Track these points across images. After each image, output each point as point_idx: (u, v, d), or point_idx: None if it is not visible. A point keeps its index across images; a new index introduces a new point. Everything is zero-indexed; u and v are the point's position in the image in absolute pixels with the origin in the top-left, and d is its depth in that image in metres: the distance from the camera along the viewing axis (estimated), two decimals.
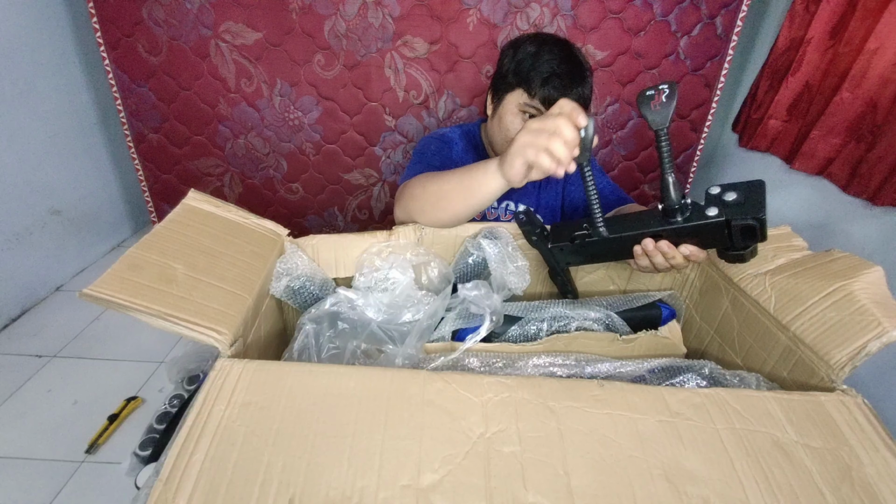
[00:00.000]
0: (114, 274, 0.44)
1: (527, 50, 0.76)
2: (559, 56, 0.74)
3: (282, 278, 0.58)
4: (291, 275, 0.59)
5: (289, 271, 0.59)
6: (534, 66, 0.74)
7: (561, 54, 0.74)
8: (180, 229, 0.53)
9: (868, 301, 0.48)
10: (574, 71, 0.74)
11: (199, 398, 0.38)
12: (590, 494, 0.35)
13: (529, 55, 0.75)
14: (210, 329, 0.44)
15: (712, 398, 0.43)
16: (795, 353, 0.52)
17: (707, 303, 0.67)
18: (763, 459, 0.38)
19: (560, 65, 0.73)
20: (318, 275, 0.62)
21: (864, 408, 0.43)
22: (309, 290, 0.60)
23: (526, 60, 0.75)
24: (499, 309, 0.59)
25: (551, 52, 0.74)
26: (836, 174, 1.08)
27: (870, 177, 0.98)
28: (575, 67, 0.74)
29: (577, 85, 0.74)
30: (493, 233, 0.66)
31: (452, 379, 0.42)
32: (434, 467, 0.35)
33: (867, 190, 0.99)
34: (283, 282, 0.58)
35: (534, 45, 0.76)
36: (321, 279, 0.63)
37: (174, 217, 0.54)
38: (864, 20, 0.98)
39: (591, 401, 0.42)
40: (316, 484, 0.34)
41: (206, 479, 0.33)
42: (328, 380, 0.41)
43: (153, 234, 0.51)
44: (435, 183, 0.67)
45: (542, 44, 0.76)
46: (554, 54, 0.74)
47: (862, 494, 0.37)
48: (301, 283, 0.59)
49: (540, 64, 0.74)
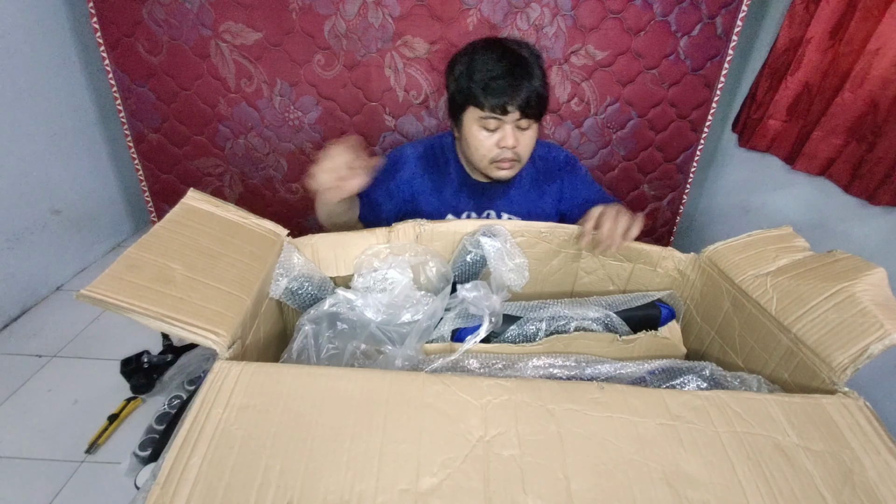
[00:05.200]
0: (112, 275, 0.44)
1: (460, 67, 0.75)
2: (493, 58, 0.73)
3: (280, 280, 0.58)
4: (290, 276, 0.58)
5: (287, 273, 0.58)
6: (472, 80, 0.73)
7: (494, 55, 0.73)
8: (179, 229, 0.53)
9: (870, 303, 0.48)
10: (514, 67, 0.72)
11: (197, 401, 0.38)
12: (589, 499, 0.35)
13: (464, 72, 0.74)
14: (208, 331, 0.43)
15: (713, 401, 0.43)
16: (797, 354, 0.51)
17: (708, 304, 0.67)
18: (764, 463, 0.38)
19: (495, 66, 0.72)
20: (316, 275, 0.62)
21: (865, 410, 0.43)
22: (308, 291, 0.60)
23: (462, 77, 0.74)
24: (498, 310, 0.59)
25: (483, 58, 0.73)
26: (838, 174, 1.07)
27: (871, 177, 0.98)
28: (514, 63, 0.72)
29: (522, 79, 0.72)
30: (491, 230, 0.66)
31: (451, 381, 0.42)
32: (433, 471, 0.35)
33: (868, 190, 0.99)
34: (282, 283, 0.58)
35: (465, 57, 0.75)
36: (319, 279, 0.62)
37: (173, 217, 0.54)
38: (864, 21, 0.98)
39: (591, 404, 0.41)
40: (314, 487, 0.33)
41: (204, 482, 0.33)
42: (326, 382, 0.41)
43: (152, 234, 0.50)
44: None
45: (473, 53, 0.75)
46: (487, 59, 0.73)
47: (864, 498, 0.36)
48: (300, 284, 0.59)
49: (476, 75, 0.73)
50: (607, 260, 0.72)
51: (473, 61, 0.74)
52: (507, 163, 0.78)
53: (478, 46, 0.76)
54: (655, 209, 1.54)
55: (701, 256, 0.67)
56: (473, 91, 0.73)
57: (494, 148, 0.76)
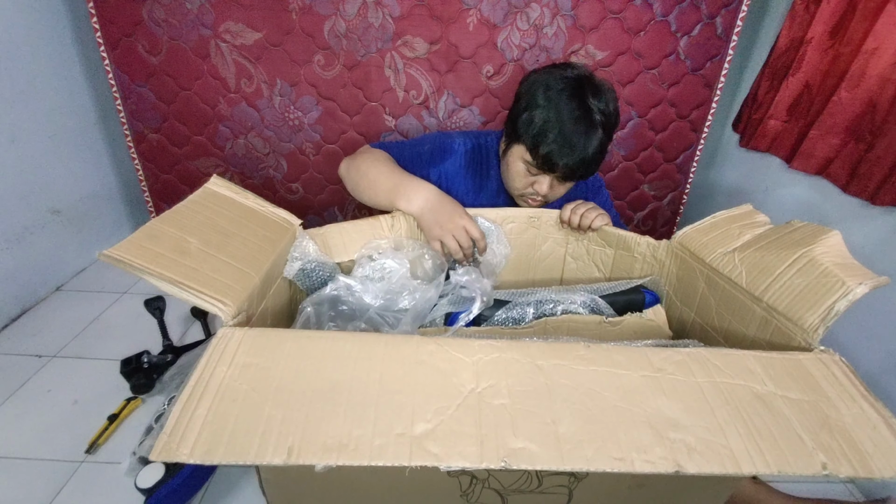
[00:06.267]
0: (133, 241, 0.47)
1: (536, 104, 0.73)
2: (567, 113, 0.70)
3: (295, 262, 0.61)
4: (304, 259, 0.62)
5: (302, 257, 0.62)
6: (537, 128, 0.72)
7: (569, 112, 0.70)
8: (199, 209, 0.56)
9: (830, 264, 0.50)
10: (582, 135, 0.70)
11: (202, 362, 0.40)
12: (576, 440, 0.36)
13: (537, 115, 0.72)
14: (216, 299, 0.46)
15: (694, 356, 0.45)
16: (771, 322, 0.53)
17: (684, 286, 0.69)
18: (743, 409, 0.40)
19: (564, 124, 0.70)
20: (328, 262, 0.66)
21: (841, 364, 0.45)
22: (319, 274, 0.63)
23: (534, 119, 0.72)
24: (489, 291, 0.63)
25: (558, 109, 0.71)
26: (836, 174, 1.07)
27: (869, 177, 0.98)
28: (585, 129, 0.71)
29: (583, 149, 0.71)
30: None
31: (444, 342, 0.44)
32: (427, 418, 0.37)
33: (866, 190, 0.99)
34: (297, 265, 0.61)
35: (545, 94, 0.72)
36: (331, 267, 0.66)
37: (195, 198, 0.57)
38: (863, 20, 0.98)
39: (577, 359, 0.43)
40: (314, 434, 0.35)
41: (209, 431, 0.35)
42: (325, 343, 0.43)
43: (174, 211, 0.54)
44: (376, 172, 0.73)
45: (554, 98, 0.71)
46: (562, 112, 0.70)
47: (840, 440, 0.38)
48: (312, 268, 0.63)
49: (545, 125, 0.71)
50: (591, 245, 0.76)
51: (549, 108, 0.71)
52: (534, 202, 0.80)
53: (558, 92, 0.72)
54: (655, 209, 1.54)
55: (672, 242, 0.69)
56: (535, 139, 0.72)
57: (529, 186, 0.78)
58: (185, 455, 0.33)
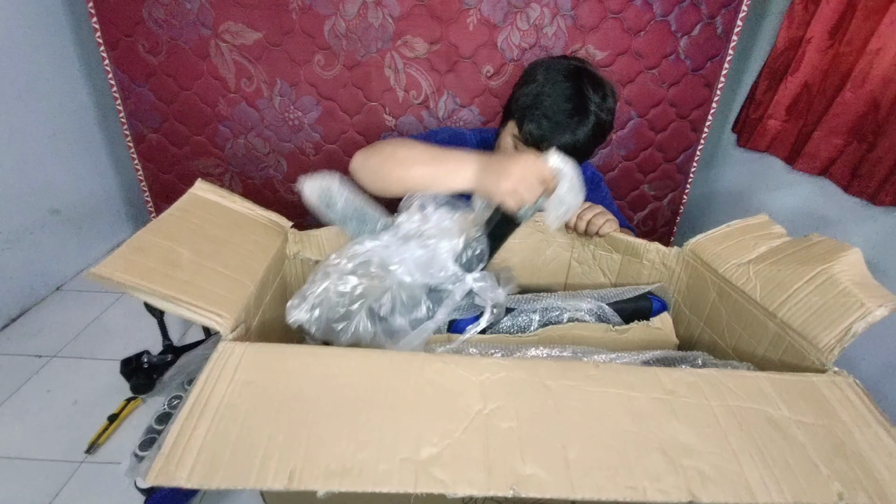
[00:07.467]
0: (120, 255, 0.45)
1: (534, 81, 0.72)
2: (559, 91, 0.70)
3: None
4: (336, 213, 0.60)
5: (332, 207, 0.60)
6: (528, 101, 0.71)
7: (562, 91, 0.70)
8: (186, 217, 0.54)
9: (849, 283, 0.49)
10: (573, 115, 0.69)
11: (202, 378, 0.39)
12: (586, 466, 0.35)
13: (531, 89, 0.72)
14: (212, 312, 0.44)
15: (706, 378, 0.44)
16: (784, 339, 0.52)
17: (694, 295, 0.68)
18: (757, 434, 0.39)
19: (555, 101, 0.69)
20: (367, 209, 0.62)
21: (855, 387, 0.44)
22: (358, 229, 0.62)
23: (527, 94, 0.72)
24: (502, 302, 0.59)
25: (551, 89, 0.70)
26: (838, 174, 1.07)
27: (871, 177, 0.98)
28: (575, 109, 0.69)
29: (568, 130, 0.69)
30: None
31: (450, 360, 0.43)
32: (433, 441, 0.36)
33: (868, 190, 0.99)
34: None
35: (540, 74, 0.72)
36: (372, 215, 0.62)
37: (181, 205, 0.55)
38: (865, 20, 0.98)
39: (586, 380, 0.42)
40: (316, 457, 0.34)
41: (208, 452, 0.34)
42: (329, 360, 0.42)
43: (160, 220, 0.52)
44: (406, 150, 0.65)
45: (548, 79, 0.71)
46: (553, 90, 0.70)
47: (856, 467, 0.37)
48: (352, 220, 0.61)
49: (536, 99, 0.71)
50: (597, 249, 0.73)
51: (544, 84, 0.71)
52: None
53: (557, 72, 0.72)
54: (655, 209, 1.54)
55: (684, 249, 0.68)
56: (522, 108, 0.72)
57: None
58: (183, 479, 0.32)
